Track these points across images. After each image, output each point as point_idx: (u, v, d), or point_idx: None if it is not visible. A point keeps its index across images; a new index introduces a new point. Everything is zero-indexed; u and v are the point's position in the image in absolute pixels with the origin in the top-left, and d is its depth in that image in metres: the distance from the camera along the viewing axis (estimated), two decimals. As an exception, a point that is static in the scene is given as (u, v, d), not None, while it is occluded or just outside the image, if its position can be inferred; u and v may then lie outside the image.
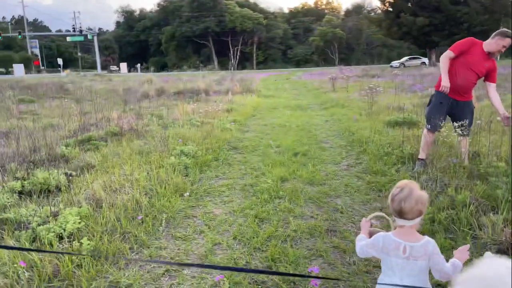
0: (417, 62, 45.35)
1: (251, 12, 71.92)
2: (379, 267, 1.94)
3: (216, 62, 70.91)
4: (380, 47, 70.32)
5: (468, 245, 1.84)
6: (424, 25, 38.19)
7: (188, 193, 4.55)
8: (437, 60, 45.02)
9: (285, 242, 3.36)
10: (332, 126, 8.78)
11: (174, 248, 3.33)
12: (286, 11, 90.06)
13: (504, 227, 3.07)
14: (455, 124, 4.47)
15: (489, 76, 4.51)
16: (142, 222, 3.71)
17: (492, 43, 4.38)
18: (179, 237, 3.51)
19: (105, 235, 3.33)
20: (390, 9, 42.05)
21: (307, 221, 3.77)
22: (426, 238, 1.75)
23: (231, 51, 73.30)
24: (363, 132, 7.33)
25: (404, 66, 43.13)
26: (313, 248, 3.25)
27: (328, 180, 4.96)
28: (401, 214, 1.71)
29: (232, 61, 70.70)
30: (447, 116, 4.77)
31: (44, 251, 2.93)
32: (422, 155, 4.93)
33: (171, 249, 3.30)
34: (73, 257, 2.94)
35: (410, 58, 47.76)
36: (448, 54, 4.49)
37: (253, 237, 3.44)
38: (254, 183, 4.93)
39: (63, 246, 3.11)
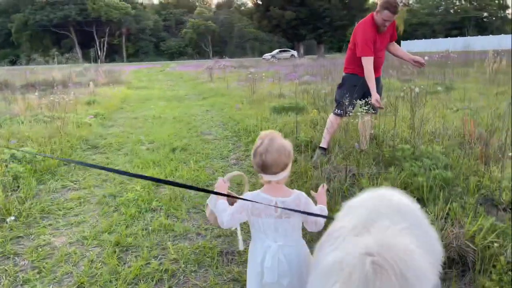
0: (287, 54, 47.28)
1: (117, 1, 66.71)
2: None
3: (80, 55, 64.30)
4: (252, 40, 72.04)
5: (325, 185, 1.75)
6: (292, 18, 39.93)
7: (13, 217, 3.07)
8: (305, 52, 47.89)
9: (161, 284, 2.24)
10: (214, 116, 7.80)
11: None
12: (156, 2, 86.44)
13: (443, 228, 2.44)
14: (361, 102, 3.86)
15: (391, 37, 4.04)
16: None
17: (376, 17, 3.86)
18: (-18, 300, 2.12)
19: None
20: (260, 1, 42.96)
21: (193, 243, 2.70)
22: (296, 191, 1.60)
23: (97, 43, 67.21)
24: (249, 120, 6.50)
25: (276, 58, 44.54)
26: (204, 286, 2.20)
27: (215, 180, 3.94)
28: (264, 168, 1.53)
29: (99, 53, 64.86)
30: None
31: None
32: (324, 143, 4.24)
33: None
34: None
35: (280, 51, 49.55)
36: (370, 62, 3.80)
37: (111, 281, 2.24)
38: (118, 192, 3.65)
39: None
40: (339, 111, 4.12)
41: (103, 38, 67.31)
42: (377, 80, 4.09)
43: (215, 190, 1.71)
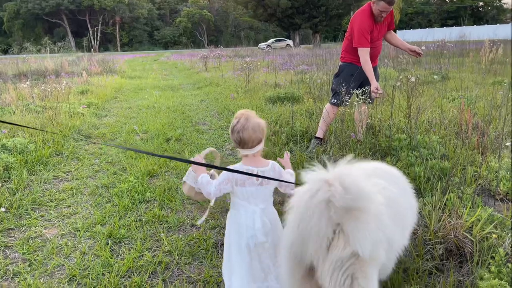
0: (283, 44, 47.01)
1: (111, -11, 65.65)
2: None
3: (73, 43, 63.46)
4: (247, 29, 71.47)
5: (288, 153, 1.93)
6: (287, 7, 39.56)
7: (4, 209, 3.02)
8: (301, 42, 47.60)
9: (154, 276, 2.20)
10: (209, 106, 7.72)
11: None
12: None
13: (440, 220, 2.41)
14: (359, 91, 3.81)
15: (388, 26, 3.99)
16: None
17: (373, 7, 3.80)
18: (-29, 293, 2.07)
19: None
20: (255, -10, 42.49)
21: (187, 234, 2.66)
22: (271, 161, 1.79)
23: (90, 32, 66.34)
24: (244, 110, 6.43)
25: (271, 48, 44.24)
26: (199, 279, 2.17)
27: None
28: (241, 144, 1.71)
29: (92, 42, 64.04)
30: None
31: None
32: (320, 133, 4.20)
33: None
34: None
35: (276, 40, 49.25)
36: (366, 52, 3.76)
37: (103, 274, 2.20)
38: (111, 183, 3.60)
39: None
40: (335, 100, 4.08)
41: (96, 26, 66.46)
42: (374, 70, 4.04)
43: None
